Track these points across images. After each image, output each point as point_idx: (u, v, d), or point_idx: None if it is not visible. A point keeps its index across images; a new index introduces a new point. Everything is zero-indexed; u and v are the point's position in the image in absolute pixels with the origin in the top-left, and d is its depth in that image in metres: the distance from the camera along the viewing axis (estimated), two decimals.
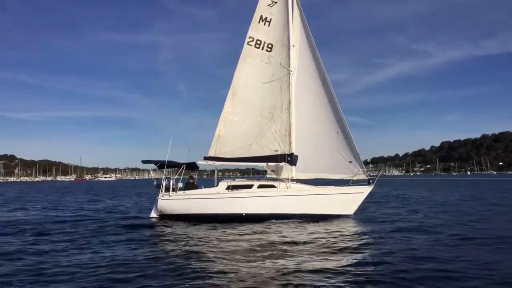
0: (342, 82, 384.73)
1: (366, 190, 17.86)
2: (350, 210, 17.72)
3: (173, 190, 17.61)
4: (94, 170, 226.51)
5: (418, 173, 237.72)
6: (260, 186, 17.64)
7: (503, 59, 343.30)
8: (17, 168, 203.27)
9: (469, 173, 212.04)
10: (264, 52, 19.41)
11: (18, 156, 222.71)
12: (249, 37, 19.39)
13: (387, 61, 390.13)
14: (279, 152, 18.57)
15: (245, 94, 19.19)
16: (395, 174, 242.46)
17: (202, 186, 18.27)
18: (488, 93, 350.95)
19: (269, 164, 18.78)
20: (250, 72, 19.28)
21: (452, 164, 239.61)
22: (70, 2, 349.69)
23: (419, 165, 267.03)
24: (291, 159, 18.36)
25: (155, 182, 18.37)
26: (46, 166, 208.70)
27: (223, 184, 17.60)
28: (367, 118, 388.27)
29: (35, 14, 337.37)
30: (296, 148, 18.65)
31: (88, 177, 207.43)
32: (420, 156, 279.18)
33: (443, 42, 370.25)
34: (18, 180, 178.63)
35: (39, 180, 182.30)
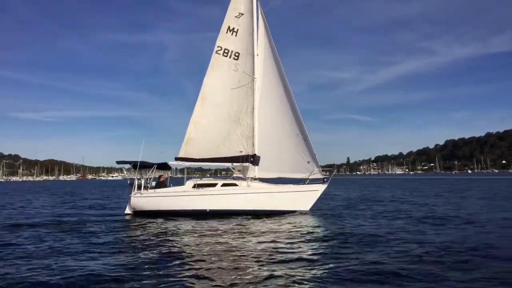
0: (347, 80, 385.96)
1: (321, 188, 19.39)
2: (307, 207, 19.23)
3: (145, 188, 19.22)
4: (98, 170, 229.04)
5: (420, 172, 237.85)
6: (223, 185, 19.17)
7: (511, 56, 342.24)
8: (21, 168, 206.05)
9: (470, 171, 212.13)
10: (232, 60, 20.93)
11: (22, 156, 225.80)
12: (218, 46, 20.91)
13: (393, 59, 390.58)
14: (243, 153, 20.10)
15: (213, 99, 20.69)
16: (397, 172, 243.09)
17: (171, 185, 19.88)
18: (495, 91, 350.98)
19: (234, 164, 20.30)
20: (219, 78, 20.79)
21: (455, 162, 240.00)
22: (77, 3, 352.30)
23: (422, 163, 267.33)
24: (254, 159, 19.88)
25: (128, 181, 19.93)
26: (49, 166, 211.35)
27: (190, 183, 19.16)
28: (372, 116, 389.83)
29: (41, 14, 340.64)
30: (260, 149, 20.16)
31: (90, 176, 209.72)
32: (423, 155, 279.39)
33: (450, 40, 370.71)
34: (21, 180, 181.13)
35: (41, 179, 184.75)
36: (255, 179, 19.83)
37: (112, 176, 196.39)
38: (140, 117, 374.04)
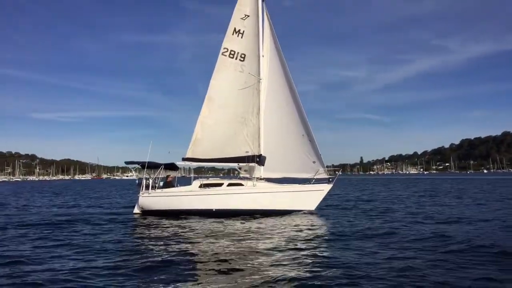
0: (360, 80, 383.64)
1: (326, 187, 19.55)
2: (312, 206, 19.40)
3: (153, 188, 19.60)
4: (112, 169, 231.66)
5: (434, 172, 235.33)
6: (229, 185, 19.43)
7: None
8: (37, 168, 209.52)
9: (485, 171, 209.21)
10: (238, 61, 21.18)
11: (39, 156, 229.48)
12: (224, 48, 21.18)
13: (407, 58, 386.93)
14: (249, 153, 20.34)
15: (220, 100, 20.96)
16: (411, 172, 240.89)
17: (178, 185, 20.24)
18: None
19: (240, 164, 20.56)
20: (225, 80, 21.05)
21: (472, 162, 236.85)
22: (92, 4, 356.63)
23: (438, 163, 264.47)
24: (260, 159, 20.11)
25: (137, 181, 20.33)
26: (65, 166, 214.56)
27: (196, 183, 19.48)
28: (385, 116, 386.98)
29: (57, 16, 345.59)
30: (266, 150, 20.38)
31: (105, 175, 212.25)
32: (439, 154, 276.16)
33: (465, 37, 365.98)
34: (37, 179, 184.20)
35: (57, 179, 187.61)
36: (261, 179, 20.06)
37: (127, 176, 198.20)
38: (154, 117, 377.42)
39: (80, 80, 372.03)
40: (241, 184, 19.42)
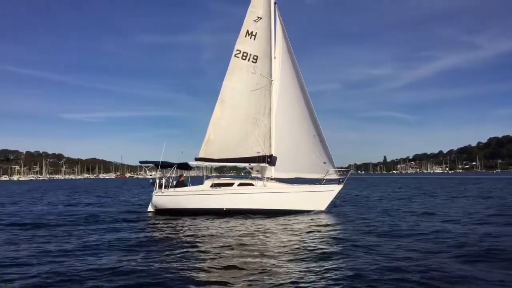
0: (384, 77, 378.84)
1: (337, 188, 19.66)
2: (322, 206, 19.54)
3: (165, 187, 20.11)
4: (136, 168, 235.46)
5: (459, 171, 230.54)
6: (240, 184, 19.77)
7: None
8: (64, 167, 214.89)
9: None
10: (250, 63, 21.47)
11: (65, 155, 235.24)
12: (237, 50, 21.49)
13: (433, 54, 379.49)
14: (260, 154, 20.63)
15: (232, 101, 21.29)
16: (436, 171, 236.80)
17: (190, 184, 20.70)
18: None
19: (251, 164, 20.86)
20: (237, 81, 21.37)
21: (499, 161, 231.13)
22: (116, 7, 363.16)
23: (464, 162, 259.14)
24: (271, 160, 20.38)
25: (150, 180, 20.87)
26: (90, 164, 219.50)
27: (208, 182, 19.88)
28: (410, 114, 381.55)
29: (82, 18, 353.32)
30: (277, 150, 20.62)
31: (128, 174, 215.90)
32: (465, 153, 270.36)
33: (494, 33, 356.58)
34: (63, 178, 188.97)
35: (82, 177, 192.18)
36: (271, 179, 20.32)
37: (150, 175, 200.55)
38: (178, 116, 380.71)
39: (105, 81, 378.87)
40: (251, 184, 19.72)
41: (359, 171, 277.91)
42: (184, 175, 22.03)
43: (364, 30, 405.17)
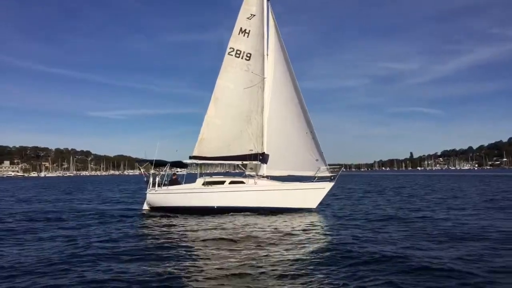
0: (412, 72, 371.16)
1: (328, 186, 19.45)
2: (313, 204, 19.38)
3: (159, 185, 20.36)
4: None
5: (488, 168, 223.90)
6: (231, 182, 19.83)
7: None
8: (91, 163, 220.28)
9: None
10: (244, 61, 21.44)
11: (93, 152, 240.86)
12: (230, 48, 21.48)
13: (463, 48, 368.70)
14: (253, 152, 20.61)
15: (226, 99, 21.31)
16: (464, 168, 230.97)
17: (183, 182, 20.91)
18: None
19: (244, 162, 20.86)
20: (231, 79, 21.38)
21: None
22: (141, 6, 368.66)
23: (494, 158, 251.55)
24: (263, 157, 20.35)
25: (145, 178, 21.17)
26: (115, 161, 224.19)
27: (200, 180, 20.00)
28: (439, 109, 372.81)
29: (109, 18, 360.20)
30: (269, 148, 20.56)
31: (152, 171, 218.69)
32: (496, 149, 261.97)
33: None
34: (89, 174, 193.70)
35: (107, 174, 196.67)
36: (264, 177, 20.29)
37: (177, 171, 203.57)
38: (203, 114, 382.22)
39: (133, 79, 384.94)
40: (242, 182, 19.73)
41: (383, 168, 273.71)
42: (179, 172, 22.24)
43: (391, 23, 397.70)
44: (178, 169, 23.40)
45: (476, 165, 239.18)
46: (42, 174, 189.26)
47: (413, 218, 16.88)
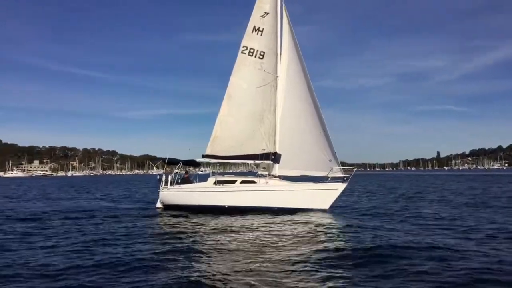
0: (439, 69, 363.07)
1: (341, 186, 19.06)
2: (325, 205, 19.02)
3: (171, 184, 20.44)
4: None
5: None
6: (242, 182, 19.68)
7: None
8: (117, 163, 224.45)
9: None
10: (257, 59, 21.27)
11: (119, 152, 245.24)
12: (243, 46, 21.34)
13: (492, 44, 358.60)
14: (265, 151, 20.42)
15: (239, 98, 21.20)
16: (493, 167, 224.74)
17: (195, 181, 20.92)
18: None
19: (256, 161, 20.70)
20: (244, 78, 21.26)
21: None
22: (162, 6, 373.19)
23: None
24: (275, 157, 20.14)
25: (158, 177, 21.29)
26: (140, 161, 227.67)
27: (211, 179, 19.94)
28: (467, 107, 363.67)
29: (130, 20, 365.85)
30: (282, 147, 20.32)
31: (176, 170, 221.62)
32: None
33: None
34: (114, 173, 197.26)
35: (132, 173, 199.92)
36: (276, 176, 20.08)
37: (202, 171, 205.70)
38: None
39: (160, 80, 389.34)
40: (253, 182, 19.58)
41: (408, 167, 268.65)
42: (190, 172, 22.27)
43: (417, 20, 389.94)
44: (203, 169, 23.41)
45: (506, 165, 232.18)
46: (69, 173, 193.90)
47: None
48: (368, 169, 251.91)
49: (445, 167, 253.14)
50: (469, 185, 44.80)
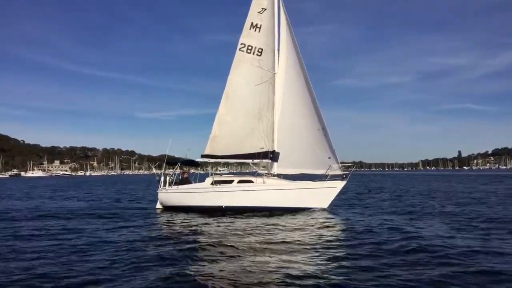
0: (462, 67, 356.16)
1: (340, 184, 18.58)
2: (324, 204, 18.56)
3: (170, 184, 20.23)
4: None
5: None
6: (239, 181, 19.33)
7: None
8: (135, 163, 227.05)
9: None
10: (255, 56, 20.87)
11: (137, 152, 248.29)
12: (241, 44, 20.97)
13: None
14: (264, 150, 20.04)
15: (237, 96, 20.85)
16: None
17: (192, 181, 20.64)
18: None
19: (254, 160, 20.32)
20: (242, 75, 20.87)
21: None
22: (183, 7, 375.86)
23: None
24: (273, 155, 19.74)
25: (157, 177, 21.11)
26: (157, 161, 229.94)
27: (209, 180, 19.63)
28: (491, 105, 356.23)
29: (152, 21, 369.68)
30: (280, 145, 19.92)
31: (192, 170, 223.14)
32: None
33: None
34: (131, 173, 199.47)
35: (148, 173, 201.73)
36: (274, 175, 19.69)
37: (220, 170, 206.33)
38: None
39: (175, 80, 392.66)
40: (251, 181, 19.21)
41: (428, 167, 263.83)
42: (192, 171, 22.06)
43: (440, 17, 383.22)
44: (220, 170, 23.10)
45: None
46: (88, 173, 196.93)
47: None
48: (386, 169, 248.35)
49: (464, 167, 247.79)
50: (445, 185, 42.94)
